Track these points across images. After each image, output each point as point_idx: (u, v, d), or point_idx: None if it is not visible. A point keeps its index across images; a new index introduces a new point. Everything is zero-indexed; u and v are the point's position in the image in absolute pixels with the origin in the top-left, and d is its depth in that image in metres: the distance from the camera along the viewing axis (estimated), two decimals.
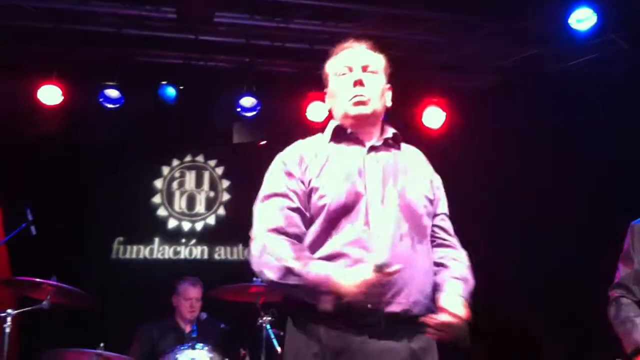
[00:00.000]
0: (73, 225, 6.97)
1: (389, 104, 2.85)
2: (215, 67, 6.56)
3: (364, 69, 2.74)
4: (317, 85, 7.01)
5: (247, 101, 6.76)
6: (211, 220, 7.96)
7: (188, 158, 8.11)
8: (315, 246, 2.55)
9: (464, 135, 6.56)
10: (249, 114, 6.83)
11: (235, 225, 7.79)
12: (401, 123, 7.02)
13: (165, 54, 6.44)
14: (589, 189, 5.90)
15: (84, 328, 5.90)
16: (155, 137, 7.44)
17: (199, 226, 7.92)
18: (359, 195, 2.55)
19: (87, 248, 7.05)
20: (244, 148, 7.37)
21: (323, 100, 7.11)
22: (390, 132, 2.79)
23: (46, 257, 6.24)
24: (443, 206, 2.82)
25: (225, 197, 8.02)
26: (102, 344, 5.11)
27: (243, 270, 7.15)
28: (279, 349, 5.13)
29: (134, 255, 7.67)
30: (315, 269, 2.41)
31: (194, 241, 7.84)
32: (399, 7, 5.51)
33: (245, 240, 8.23)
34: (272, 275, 2.48)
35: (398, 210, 2.56)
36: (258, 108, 6.78)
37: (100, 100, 6.54)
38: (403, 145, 2.83)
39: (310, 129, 7.46)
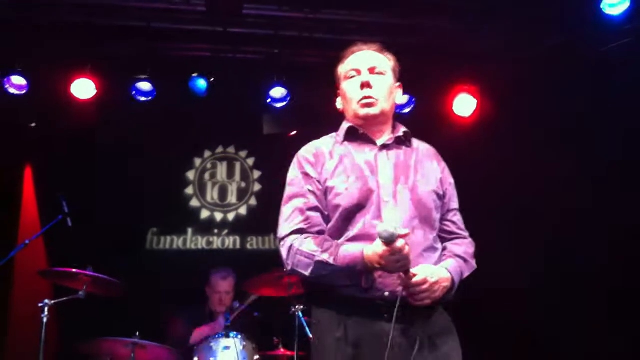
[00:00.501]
0: (108, 216, 7.06)
1: (400, 101, 3.03)
2: (245, 58, 6.57)
3: (371, 70, 2.89)
4: None
5: (277, 92, 6.78)
6: (243, 210, 8.02)
7: (219, 149, 8.18)
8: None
9: (495, 123, 6.50)
10: (279, 105, 6.85)
11: (267, 215, 7.69)
12: (432, 111, 7.03)
13: (195, 46, 6.46)
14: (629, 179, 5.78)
15: (119, 317, 6.01)
16: (187, 129, 7.52)
17: (231, 216, 7.99)
18: (371, 192, 2.68)
19: (122, 239, 7.16)
20: (275, 139, 7.40)
21: None
22: (401, 130, 2.93)
23: (82, 248, 6.35)
24: (454, 202, 2.93)
25: (257, 187, 8.08)
26: (137, 333, 5.20)
27: (275, 259, 7.34)
28: (312, 337, 5.14)
29: (167, 246, 7.77)
30: (344, 252, 2.55)
31: (226, 231, 7.91)
32: None
33: (277, 230, 8.26)
34: (306, 272, 2.61)
35: (410, 205, 2.68)
36: (288, 99, 6.80)
37: (133, 93, 6.60)
38: (415, 141, 2.96)
39: (340, 119, 7.48)
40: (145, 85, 6.58)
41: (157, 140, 7.36)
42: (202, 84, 6.59)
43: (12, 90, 6.34)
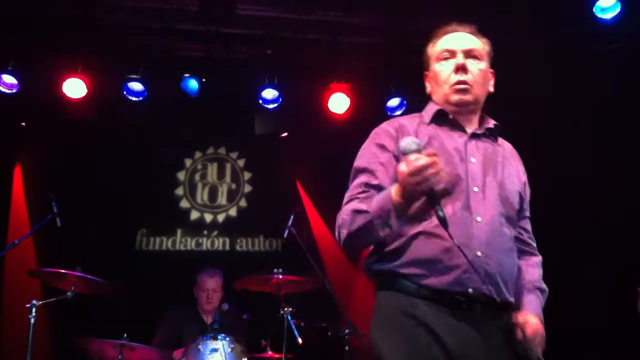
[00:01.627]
0: (97, 217, 7.02)
1: (492, 89, 2.79)
2: (237, 58, 6.56)
3: (467, 53, 2.66)
4: (339, 76, 7.07)
5: (269, 93, 6.76)
6: (233, 212, 7.99)
7: (210, 150, 8.14)
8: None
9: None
10: (270, 106, 6.83)
11: (257, 217, 7.82)
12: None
13: (188, 46, 6.45)
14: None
15: (108, 318, 5.98)
16: (178, 129, 7.49)
17: (220, 218, 7.95)
18: (459, 179, 2.51)
19: (111, 239, 7.11)
20: (266, 140, 7.38)
21: (345, 92, 7.16)
22: (491, 122, 2.75)
23: (71, 249, 6.31)
24: (528, 207, 2.78)
25: (247, 188, 8.05)
26: (125, 334, 5.17)
27: (264, 261, 7.36)
28: (299, 339, 5.15)
29: (157, 247, 7.71)
30: (377, 196, 2.42)
31: (215, 233, 7.87)
32: None
33: (267, 232, 8.29)
34: (345, 230, 2.48)
35: (498, 200, 2.54)
36: (280, 100, 6.79)
37: (124, 93, 6.57)
38: (500, 139, 2.80)
39: (331, 121, 7.52)
40: (136, 85, 6.56)
41: (147, 140, 7.33)
42: (193, 84, 6.57)
43: (2, 89, 6.30)
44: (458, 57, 2.64)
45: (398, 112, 6.77)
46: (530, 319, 2.50)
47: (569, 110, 6.00)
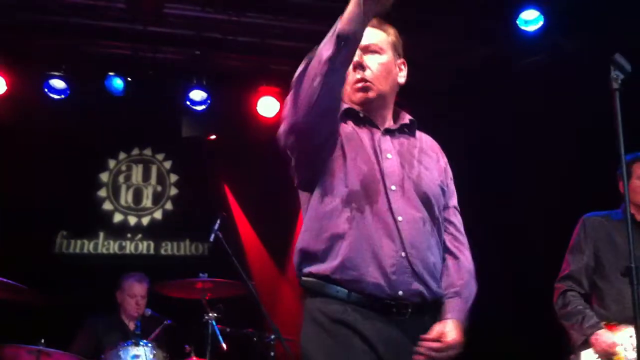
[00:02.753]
0: (14, 218, 6.79)
1: (402, 80, 2.68)
2: (165, 59, 6.48)
3: (365, 49, 2.56)
4: (269, 79, 7.04)
5: (197, 94, 6.71)
6: (158, 215, 7.86)
7: (135, 151, 7.99)
8: (331, 225, 2.42)
9: None
10: (198, 108, 6.76)
11: (183, 221, 7.73)
12: None
13: (114, 44, 6.33)
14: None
15: (24, 323, 5.80)
16: (102, 130, 7.31)
17: (145, 221, 7.81)
18: (376, 179, 2.46)
19: (29, 242, 6.87)
20: (193, 142, 7.29)
21: (274, 95, 7.12)
22: (406, 118, 2.69)
23: None
24: (454, 199, 2.74)
25: (173, 191, 7.93)
26: (42, 340, 5.00)
27: (190, 265, 7.27)
28: (224, 345, 5.11)
29: (77, 250, 7.52)
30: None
31: (140, 236, 7.73)
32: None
33: (193, 236, 8.17)
34: (298, 83, 2.32)
35: (417, 197, 2.50)
36: (208, 102, 6.73)
37: (45, 90, 6.38)
38: (418, 133, 2.74)
39: (261, 124, 7.49)
40: (58, 83, 6.40)
41: (69, 140, 7.12)
42: (118, 83, 6.47)
43: None
44: (356, 55, 2.47)
45: None
46: (444, 326, 2.46)
47: (493, 124, 6.15)
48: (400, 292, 2.37)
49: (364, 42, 2.49)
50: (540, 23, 5.82)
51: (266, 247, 7.74)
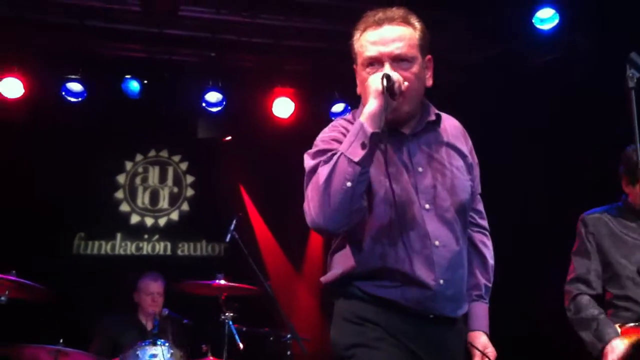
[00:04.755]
0: (34, 220, 6.84)
1: (430, 82, 2.56)
2: (180, 61, 6.51)
3: (395, 58, 2.41)
4: (283, 80, 7.06)
5: (213, 96, 6.73)
6: (175, 216, 7.90)
7: (152, 153, 8.03)
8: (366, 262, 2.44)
9: None
10: (214, 109, 6.79)
11: (199, 221, 7.76)
12: None
13: (130, 47, 6.36)
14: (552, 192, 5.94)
15: (43, 324, 5.83)
16: (118, 132, 7.36)
17: (162, 222, 7.85)
18: (411, 201, 2.42)
19: (48, 243, 6.93)
20: (209, 143, 7.32)
21: (289, 96, 7.15)
22: (432, 113, 2.58)
23: (6, 252, 6.13)
24: (479, 186, 2.71)
25: (190, 192, 7.96)
26: (61, 340, 5.04)
27: (206, 266, 7.30)
28: (240, 345, 5.14)
29: (95, 251, 7.57)
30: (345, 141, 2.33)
31: (156, 237, 7.77)
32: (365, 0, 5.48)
33: (209, 236, 8.19)
34: (316, 193, 2.31)
35: (451, 208, 2.48)
36: (223, 103, 6.75)
37: (63, 93, 6.43)
38: (442, 120, 2.63)
39: (276, 125, 7.51)
40: (75, 86, 6.45)
41: (86, 142, 7.17)
42: (134, 85, 6.50)
43: None
44: (385, 68, 2.38)
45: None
46: (483, 340, 2.59)
47: (509, 123, 6.12)
48: (432, 316, 2.41)
49: (393, 49, 2.41)
50: (556, 21, 5.80)
51: (282, 247, 7.75)
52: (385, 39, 2.43)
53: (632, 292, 3.72)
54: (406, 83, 2.38)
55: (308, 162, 2.45)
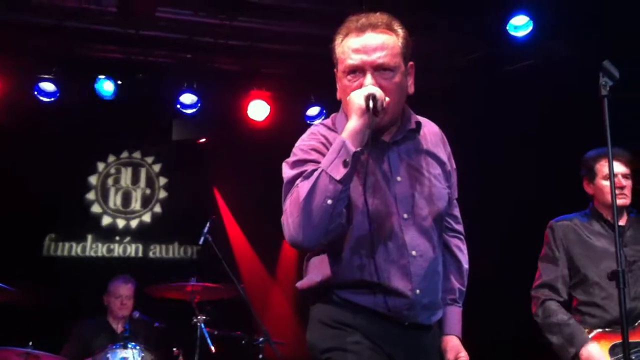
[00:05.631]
0: (4, 220, 6.75)
1: (412, 90, 2.52)
2: (156, 62, 6.47)
3: (377, 68, 2.37)
4: (259, 83, 7.05)
5: (187, 98, 6.70)
6: (147, 217, 7.85)
7: (124, 154, 7.98)
8: (342, 273, 2.44)
9: None
10: (188, 111, 6.76)
11: (172, 224, 7.72)
12: None
13: (105, 47, 6.31)
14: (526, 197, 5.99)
15: (12, 326, 5.74)
16: (91, 132, 7.29)
17: (134, 224, 7.81)
18: (391, 212, 2.41)
19: (17, 244, 6.85)
20: (183, 145, 7.29)
21: (265, 99, 7.14)
22: (413, 121, 2.54)
23: None
24: (455, 191, 2.72)
25: (162, 194, 7.92)
26: (30, 342, 4.98)
27: (179, 268, 7.26)
28: (212, 348, 5.12)
29: (65, 253, 7.52)
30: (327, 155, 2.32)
31: (128, 239, 7.73)
32: (343, 4, 5.47)
33: (181, 239, 8.13)
34: (296, 208, 2.27)
35: (429, 217, 2.49)
36: (198, 105, 6.73)
37: (35, 93, 6.37)
38: (422, 126, 2.60)
39: (251, 128, 7.49)
40: (48, 86, 6.39)
41: (58, 142, 7.10)
42: (108, 86, 6.45)
43: None
44: (367, 79, 2.36)
45: (318, 121, 6.77)
46: (455, 343, 2.61)
47: (486, 127, 6.17)
48: (407, 323, 2.43)
49: (375, 58, 2.37)
50: (530, 29, 5.86)
51: (255, 251, 7.74)
52: (368, 47, 2.39)
53: (598, 298, 3.79)
54: (387, 99, 2.35)
55: (287, 172, 2.42)
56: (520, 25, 5.90)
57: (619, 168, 3.85)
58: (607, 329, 3.71)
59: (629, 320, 3.27)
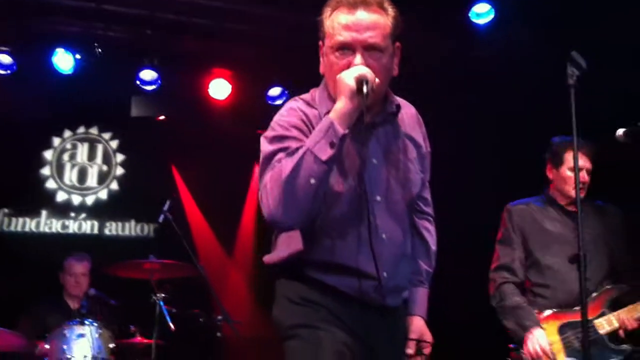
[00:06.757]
0: None
1: (396, 71, 2.52)
2: (116, 37, 6.36)
3: (367, 47, 2.35)
4: (221, 61, 6.97)
5: (147, 74, 6.63)
6: (103, 194, 7.76)
7: (81, 130, 7.86)
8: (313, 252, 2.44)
9: None
10: (148, 88, 6.69)
11: (128, 201, 7.65)
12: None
13: (64, 20, 6.19)
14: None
15: None
16: (48, 107, 7.14)
17: (89, 200, 7.71)
18: (360, 195, 2.38)
19: None
20: (142, 122, 7.21)
21: (226, 78, 7.09)
22: (394, 104, 2.54)
23: None
24: (428, 174, 2.72)
25: (119, 171, 7.83)
26: None
27: (135, 246, 7.21)
28: (172, 326, 5.11)
29: (19, 228, 7.41)
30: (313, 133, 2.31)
31: (83, 215, 7.63)
32: None
33: (138, 216, 8.08)
34: (276, 186, 2.25)
35: (402, 201, 2.51)
36: (159, 82, 6.66)
37: None
38: (401, 104, 2.60)
39: (211, 106, 7.43)
40: (5, 58, 6.28)
41: (13, 116, 6.94)
42: (67, 59, 6.34)
43: None
44: (357, 58, 2.35)
45: (279, 102, 6.80)
46: (420, 324, 2.65)
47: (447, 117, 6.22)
48: (374, 305, 2.45)
49: (366, 37, 2.35)
50: (491, 16, 5.92)
51: (213, 230, 7.73)
52: (359, 25, 2.35)
53: (551, 280, 3.94)
54: (377, 80, 2.34)
55: (266, 147, 2.40)
56: (482, 12, 5.96)
57: (586, 163, 3.96)
58: (556, 310, 3.86)
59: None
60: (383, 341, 2.48)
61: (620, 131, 3.53)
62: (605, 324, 3.81)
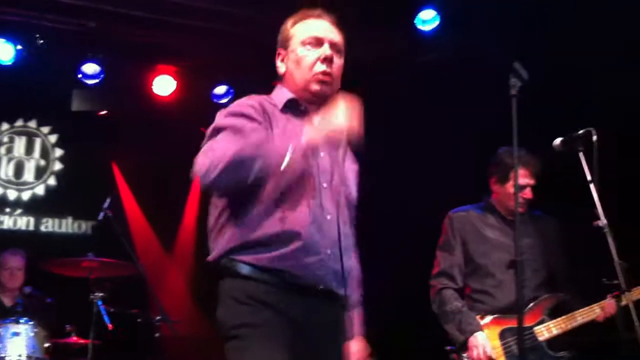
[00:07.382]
0: None
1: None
2: (59, 28, 6.21)
3: (333, 47, 2.65)
4: (166, 58, 6.89)
5: (90, 67, 6.51)
6: (40, 190, 7.60)
7: (19, 123, 7.68)
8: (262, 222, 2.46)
9: None
10: (90, 82, 6.56)
11: (66, 197, 7.52)
12: None
13: (4, 10, 6.01)
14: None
15: None
16: None
17: (25, 196, 7.54)
18: (313, 174, 2.53)
19: None
20: (83, 117, 7.07)
21: (171, 74, 7.02)
22: None
23: None
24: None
25: (57, 166, 7.68)
26: None
27: (72, 243, 7.07)
28: (110, 325, 5.04)
29: None
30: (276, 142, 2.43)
31: (19, 211, 7.46)
32: None
33: (76, 213, 7.96)
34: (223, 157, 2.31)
35: (343, 197, 2.62)
36: (101, 76, 6.54)
37: None
38: None
39: (155, 103, 7.35)
40: None
41: None
42: (7, 50, 6.18)
43: None
44: (324, 48, 2.62)
45: (224, 100, 6.76)
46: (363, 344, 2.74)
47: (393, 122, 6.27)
48: (321, 286, 2.47)
49: (335, 39, 2.67)
50: (436, 23, 5.99)
51: (153, 228, 7.64)
52: (327, 28, 2.68)
53: (490, 287, 4.01)
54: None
55: (220, 119, 2.54)
56: (428, 19, 6.03)
57: (530, 180, 4.02)
58: (497, 315, 3.93)
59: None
60: (328, 334, 2.51)
61: (557, 140, 3.62)
62: (544, 331, 3.89)
